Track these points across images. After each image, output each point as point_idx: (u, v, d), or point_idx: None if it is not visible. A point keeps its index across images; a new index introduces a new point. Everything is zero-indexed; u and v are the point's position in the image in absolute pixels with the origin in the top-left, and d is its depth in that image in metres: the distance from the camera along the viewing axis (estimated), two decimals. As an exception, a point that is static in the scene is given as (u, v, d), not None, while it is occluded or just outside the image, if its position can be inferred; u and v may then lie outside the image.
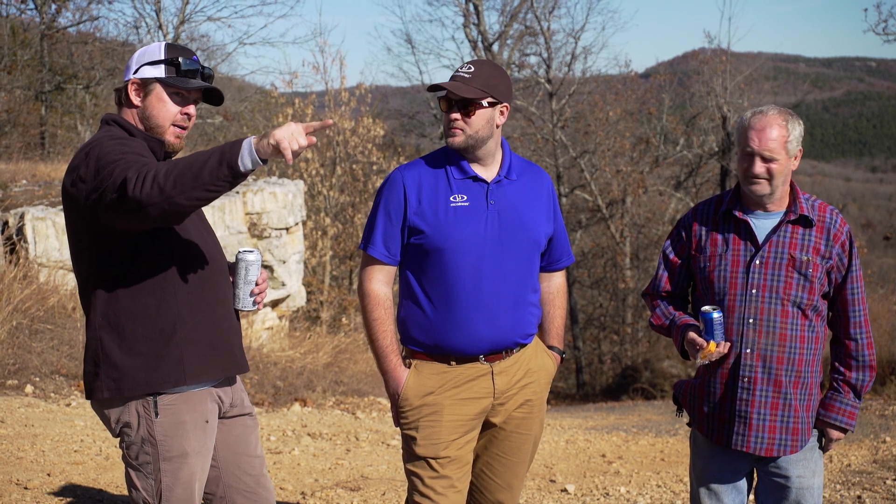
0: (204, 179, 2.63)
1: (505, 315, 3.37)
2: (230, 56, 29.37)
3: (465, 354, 3.37)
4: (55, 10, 22.58)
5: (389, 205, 3.37)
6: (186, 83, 3.07)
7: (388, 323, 3.40)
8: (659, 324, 3.61)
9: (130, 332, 2.96)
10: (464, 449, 3.42)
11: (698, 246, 3.49)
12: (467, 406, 3.39)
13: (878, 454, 7.28)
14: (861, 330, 3.43)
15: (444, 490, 3.36)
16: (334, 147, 22.17)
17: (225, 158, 2.64)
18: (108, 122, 3.10)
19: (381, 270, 3.40)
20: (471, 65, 3.34)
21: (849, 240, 3.40)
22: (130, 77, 3.07)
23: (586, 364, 25.62)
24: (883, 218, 51.83)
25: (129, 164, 2.74)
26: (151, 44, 3.14)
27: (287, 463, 6.83)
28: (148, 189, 2.62)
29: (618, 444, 8.26)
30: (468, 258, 3.31)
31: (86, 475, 5.90)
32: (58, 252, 11.08)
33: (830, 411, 3.43)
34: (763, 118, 3.31)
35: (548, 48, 27.71)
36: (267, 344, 13.01)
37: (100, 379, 2.98)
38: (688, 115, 28.72)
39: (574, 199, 28.15)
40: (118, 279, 2.95)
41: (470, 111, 3.29)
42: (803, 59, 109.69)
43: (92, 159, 2.87)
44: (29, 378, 8.55)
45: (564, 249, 3.65)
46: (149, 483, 3.01)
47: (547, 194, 3.52)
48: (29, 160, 16.76)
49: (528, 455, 3.60)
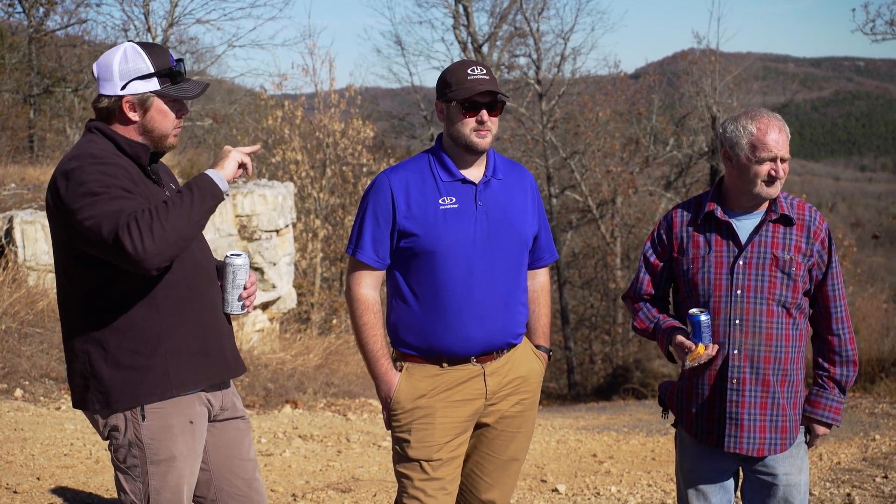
0: (196, 211, 2.84)
1: (496, 315, 3.37)
2: (219, 59, 29.35)
3: (457, 356, 3.36)
4: (43, 13, 22.49)
5: (377, 209, 3.35)
6: (187, 92, 3.05)
7: (377, 327, 3.39)
8: (643, 327, 3.60)
9: (115, 345, 2.95)
10: (456, 451, 3.41)
11: (680, 248, 3.49)
12: (460, 408, 3.39)
13: (868, 452, 7.31)
14: (843, 325, 3.44)
15: (435, 492, 3.36)
16: (324, 149, 22.14)
17: (203, 189, 2.88)
18: (92, 131, 3.05)
19: (369, 275, 3.39)
20: (481, 67, 3.34)
21: (828, 236, 3.42)
22: (118, 93, 2.99)
23: (577, 364, 25.64)
24: (872, 217, 52.08)
25: (115, 216, 2.73)
26: (115, 51, 3.01)
27: (278, 465, 6.83)
28: (148, 245, 2.72)
29: (609, 444, 8.27)
30: (459, 260, 3.31)
31: (76, 479, 5.89)
32: (47, 256, 11.04)
33: (816, 408, 3.45)
34: (770, 122, 3.33)
35: (537, 49, 27.75)
36: (258, 346, 12.99)
37: (90, 392, 2.98)
38: (677, 115, 28.79)
39: (564, 200, 28.18)
40: (102, 293, 2.94)
41: (495, 113, 3.32)
42: (792, 58, 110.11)
43: (73, 183, 2.83)
44: (18, 382, 8.53)
45: (548, 247, 3.65)
46: (137, 486, 3.01)
47: (530, 192, 3.52)
48: (18, 164, 16.70)
49: (520, 454, 3.59)
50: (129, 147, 3.00)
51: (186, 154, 18.07)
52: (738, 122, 3.37)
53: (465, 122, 3.30)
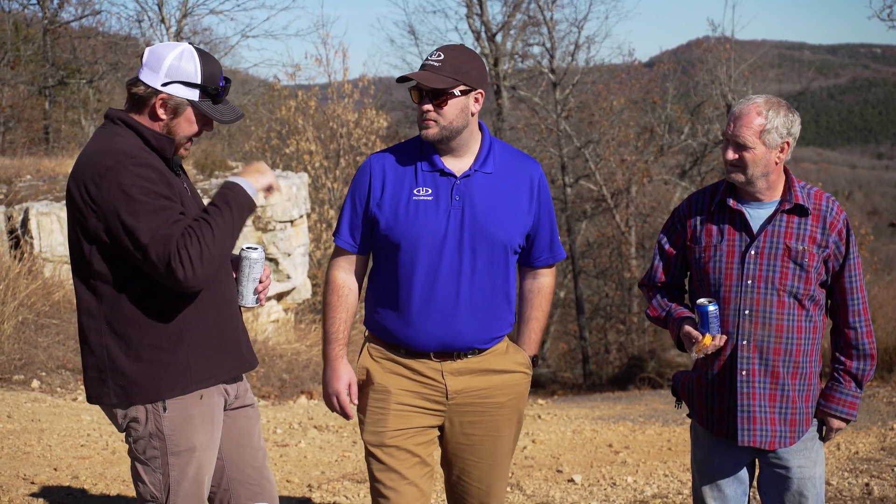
0: (235, 229, 2.94)
1: (461, 316, 3.22)
2: (233, 49, 29.36)
3: (414, 350, 3.27)
4: (57, 4, 22.59)
5: (355, 192, 3.29)
6: (221, 115, 3.02)
7: (339, 310, 3.32)
8: (655, 315, 3.57)
9: (136, 341, 2.94)
10: (412, 442, 3.29)
11: (693, 236, 3.45)
12: (416, 400, 3.29)
13: (886, 441, 7.26)
14: (860, 318, 3.38)
15: (395, 484, 3.26)
16: (338, 139, 22.14)
17: (241, 204, 2.97)
18: (116, 122, 3.00)
19: (345, 259, 3.33)
20: (440, 52, 3.17)
21: (846, 227, 3.35)
22: (158, 88, 2.94)
23: (592, 354, 25.61)
24: (889, 205, 51.71)
25: (165, 242, 2.79)
26: (173, 46, 2.98)
27: (293, 455, 6.84)
28: (198, 270, 2.82)
29: (625, 434, 8.24)
30: (425, 255, 3.19)
31: (92, 469, 5.91)
32: (62, 247, 11.09)
33: (831, 402, 3.40)
34: (744, 105, 3.26)
35: (551, 38, 27.62)
36: (273, 337, 13.01)
37: (107, 385, 2.97)
38: (692, 103, 28.64)
39: (579, 189, 28.09)
40: (123, 288, 2.93)
41: (442, 101, 3.13)
42: (808, 46, 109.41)
43: (110, 184, 2.82)
44: (35, 373, 8.57)
45: (549, 245, 3.43)
46: (156, 477, 3.01)
47: (530, 187, 3.32)
48: (33, 155, 16.77)
49: (505, 458, 3.46)
50: (154, 140, 2.97)
51: (201, 145, 18.09)
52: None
53: (418, 109, 3.20)
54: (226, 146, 22.71)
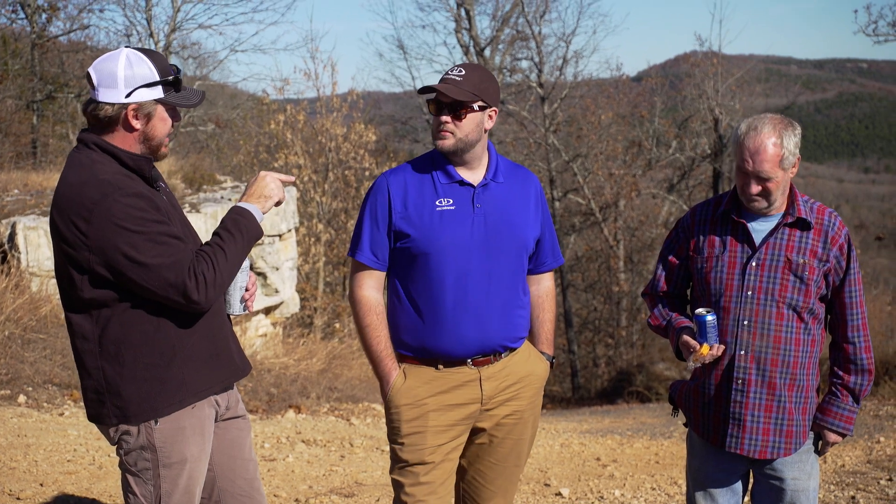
0: (243, 257, 3.05)
1: (492, 317, 3.36)
2: (222, 63, 29.32)
3: (452, 357, 3.36)
4: (46, 19, 22.55)
5: (376, 210, 3.37)
6: (189, 100, 3.05)
7: (380, 328, 3.39)
8: (656, 324, 3.63)
9: (131, 360, 2.94)
10: (449, 455, 3.40)
11: (696, 247, 3.49)
12: (454, 412, 3.38)
13: (872, 454, 7.28)
14: (859, 333, 3.41)
15: (425, 496, 3.34)
16: (326, 153, 22.16)
17: (251, 234, 3.07)
18: (90, 146, 2.97)
19: (370, 276, 3.40)
20: (462, 68, 3.33)
21: (847, 243, 3.38)
22: (124, 101, 2.93)
23: (581, 367, 25.61)
24: (876, 219, 51.97)
25: (178, 267, 2.88)
26: (116, 56, 2.94)
27: (281, 470, 6.82)
28: (210, 295, 2.94)
29: (612, 448, 8.25)
30: (455, 261, 3.31)
31: (79, 485, 5.89)
32: (49, 261, 11.06)
33: (828, 415, 3.42)
34: (757, 137, 3.24)
35: (539, 52, 27.74)
36: (261, 351, 12.99)
37: (105, 407, 2.98)
38: (680, 117, 28.76)
39: (567, 203, 28.16)
40: (113, 310, 2.93)
41: (461, 114, 3.28)
42: (795, 60, 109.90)
43: (101, 219, 2.81)
44: (21, 388, 8.53)
45: (552, 251, 3.62)
46: (147, 489, 3.01)
47: (534, 196, 3.50)
48: (20, 169, 16.72)
49: (522, 460, 3.58)
50: (132, 161, 2.97)
51: (189, 159, 18.08)
52: (739, 126, 3.36)
53: (435, 121, 3.34)
54: (214, 160, 22.69)
